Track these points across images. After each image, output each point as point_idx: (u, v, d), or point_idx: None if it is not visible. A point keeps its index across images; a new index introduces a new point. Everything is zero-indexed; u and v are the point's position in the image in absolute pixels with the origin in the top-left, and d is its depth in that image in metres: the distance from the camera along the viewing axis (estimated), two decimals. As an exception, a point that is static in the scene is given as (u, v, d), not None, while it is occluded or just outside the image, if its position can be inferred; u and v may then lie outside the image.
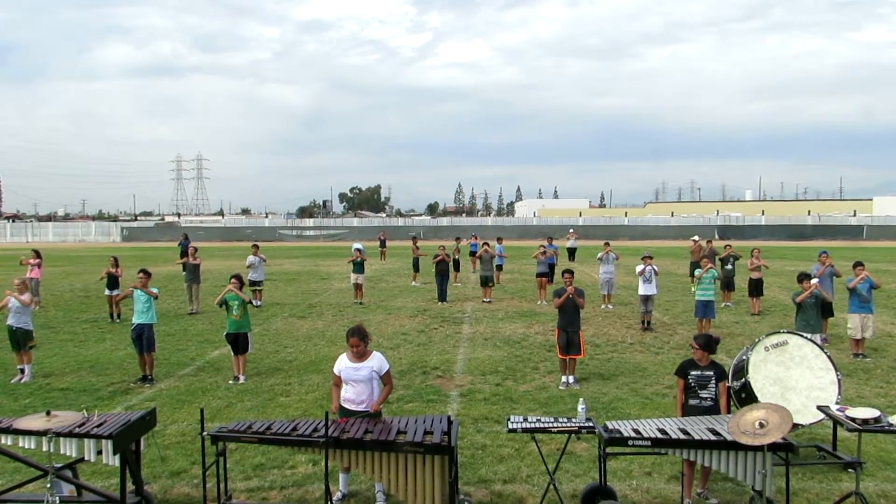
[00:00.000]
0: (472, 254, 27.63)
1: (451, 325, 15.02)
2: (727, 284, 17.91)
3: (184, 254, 26.18)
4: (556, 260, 22.60)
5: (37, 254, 18.36)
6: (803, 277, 10.83)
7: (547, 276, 19.28)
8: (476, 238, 29.33)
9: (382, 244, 36.00)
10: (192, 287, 17.25)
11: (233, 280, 10.42)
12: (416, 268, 23.52)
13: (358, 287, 18.86)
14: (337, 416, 6.00)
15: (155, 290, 10.59)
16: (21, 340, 10.34)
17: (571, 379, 9.92)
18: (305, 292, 21.52)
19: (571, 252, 31.84)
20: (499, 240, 24.28)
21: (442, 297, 18.81)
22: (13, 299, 10.39)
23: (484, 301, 18.63)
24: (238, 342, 10.26)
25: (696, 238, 22.87)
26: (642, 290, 14.44)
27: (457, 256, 23.48)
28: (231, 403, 9.04)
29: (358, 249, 18.94)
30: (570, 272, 10.50)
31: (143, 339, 10.15)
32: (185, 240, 27.07)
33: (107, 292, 16.38)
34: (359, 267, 18.78)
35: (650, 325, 14.49)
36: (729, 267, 17.99)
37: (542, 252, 19.17)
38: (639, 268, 14.60)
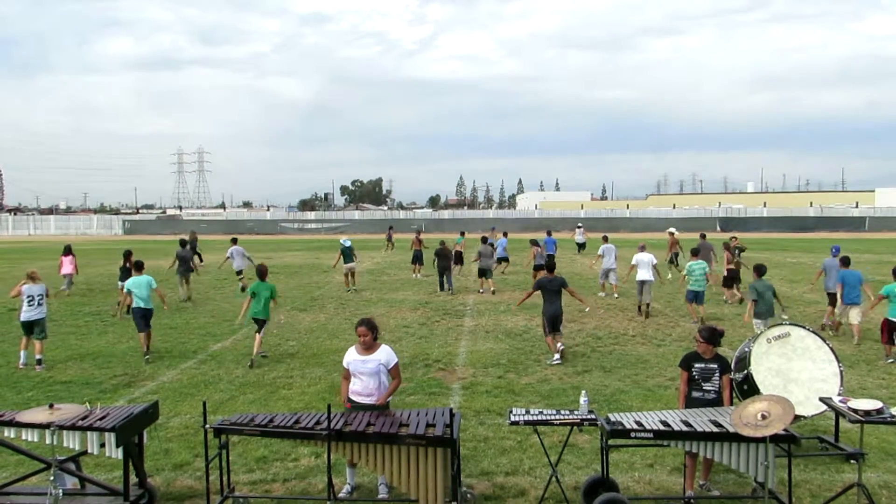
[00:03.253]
0: (491, 245, 28.74)
1: (452, 318, 15.02)
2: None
3: (195, 250, 26.84)
4: (555, 249, 23.24)
5: (67, 249, 19.33)
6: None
7: (543, 268, 19.47)
8: (495, 231, 30.60)
9: (389, 237, 36.95)
10: (187, 277, 18.06)
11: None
12: (418, 261, 23.73)
13: (350, 274, 19.83)
14: (345, 407, 6.03)
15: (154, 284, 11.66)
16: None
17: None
18: (307, 285, 21.53)
19: (581, 246, 32.10)
20: (504, 234, 25.29)
21: (443, 286, 19.39)
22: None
23: (479, 292, 19.02)
24: (262, 325, 11.06)
25: (672, 230, 23.73)
26: (640, 276, 15.21)
27: (460, 249, 23.93)
28: (233, 396, 9.06)
29: (346, 244, 19.88)
30: (542, 267, 10.97)
31: (147, 319, 11.32)
32: (195, 236, 27.51)
33: (120, 284, 16.34)
34: (349, 258, 19.59)
35: (649, 312, 15.06)
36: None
37: (536, 251, 20.09)
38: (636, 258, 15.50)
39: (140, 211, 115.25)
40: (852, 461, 6.36)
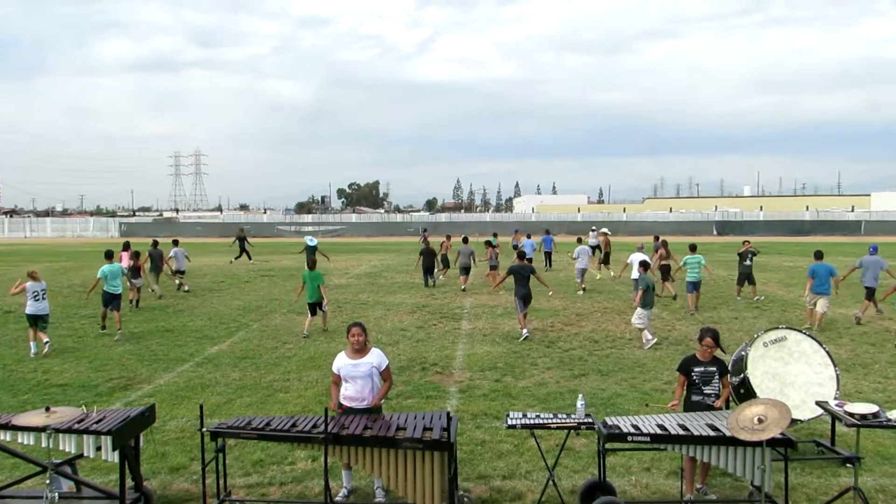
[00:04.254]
0: (515, 248, 30.05)
1: (449, 321, 15.02)
2: (747, 278, 18.15)
3: (243, 249, 30.34)
4: (553, 247, 26.41)
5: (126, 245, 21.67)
6: None
7: (496, 268, 21.35)
8: (518, 234, 32.62)
9: (425, 238, 38.55)
10: (157, 275, 19.46)
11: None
12: (444, 263, 24.77)
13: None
14: (337, 412, 6.01)
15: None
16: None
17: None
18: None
19: (594, 248, 33.46)
20: (528, 235, 27.34)
21: (427, 283, 21.46)
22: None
23: (463, 289, 20.19)
24: (320, 307, 13.77)
25: (605, 231, 26.24)
26: (634, 274, 17.10)
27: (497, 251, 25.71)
28: (230, 399, 9.04)
29: (311, 243, 22.42)
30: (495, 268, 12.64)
31: (115, 302, 13.51)
32: (243, 237, 30.65)
33: (129, 283, 17.41)
34: (312, 254, 21.40)
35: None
36: (748, 263, 18.05)
37: (491, 252, 21.91)
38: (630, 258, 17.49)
39: (136, 213, 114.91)
40: (848, 465, 6.37)
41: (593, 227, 36.33)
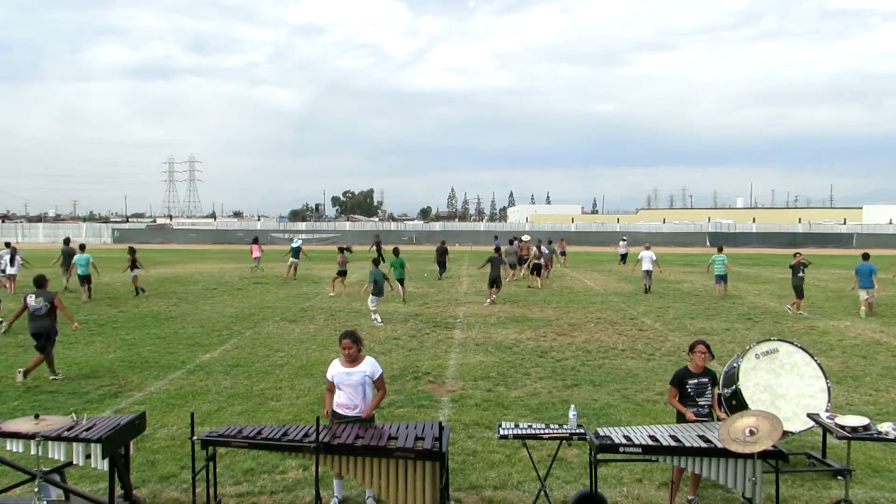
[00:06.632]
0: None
1: (442, 331, 15.00)
2: (798, 292, 17.95)
3: (380, 253, 33.28)
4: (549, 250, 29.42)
5: (255, 239, 30.22)
6: None
7: (344, 274, 24.57)
8: (564, 241, 35.03)
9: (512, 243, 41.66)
10: (67, 268, 22.27)
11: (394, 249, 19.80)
12: (521, 262, 27.84)
13: (293, 267, 26.82)
14: (329, 420, 6.00)
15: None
16: None
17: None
18: (297, 296, 21.45)
19: (623, 257, 36.48)
20: (549, 242, 30.34)
21: (441, 276, 26.71)
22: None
23: (490, 300, 19.89)
24: (402, 283, 19.21)
25: (526, 238, 29.92)
26: (644, 267, 21.98)
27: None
28: (221, 407, 8.99)
29: (295, 245, 27.50)
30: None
31: (84, 280, 19.58)
32: (379, 242, 35.65)
33: (131, 273, 21.50)
34: (296, 254, 27.02)
35: (649, 290, 21.71)
36: (801, 275, 17.93)
37: (340, 259, 23.91)
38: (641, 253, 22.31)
39: (130, 219, 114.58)
40: (839, 477, 6.38)
41: (623, 238, 38.38)
